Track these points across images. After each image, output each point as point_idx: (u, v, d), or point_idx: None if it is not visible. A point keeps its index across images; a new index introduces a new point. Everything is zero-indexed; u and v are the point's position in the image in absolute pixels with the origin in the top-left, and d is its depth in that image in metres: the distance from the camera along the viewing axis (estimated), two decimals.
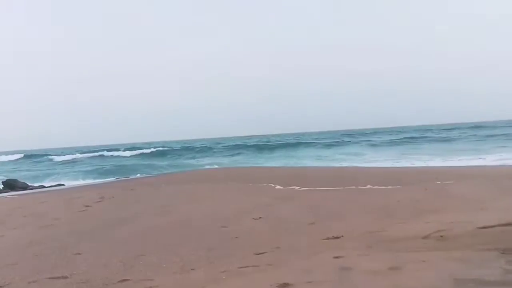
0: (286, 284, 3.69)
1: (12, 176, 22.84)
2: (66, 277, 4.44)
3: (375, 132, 71.57)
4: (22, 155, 51.14)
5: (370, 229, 5.71)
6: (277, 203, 8.52)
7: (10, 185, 18.65)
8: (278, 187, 11.13)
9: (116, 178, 21.09)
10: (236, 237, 5.78)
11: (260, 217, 7.04)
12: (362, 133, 72.75)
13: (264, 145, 47.26)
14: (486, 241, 4.52)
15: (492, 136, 38.47)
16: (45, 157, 46.94)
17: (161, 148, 49.88)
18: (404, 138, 45.91)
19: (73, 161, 39.88)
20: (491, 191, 8.40)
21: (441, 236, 4.94)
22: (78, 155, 45.25)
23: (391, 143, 41.08)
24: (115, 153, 45.95)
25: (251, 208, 8.00)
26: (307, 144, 45.85)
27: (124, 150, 49.13)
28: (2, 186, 18.84)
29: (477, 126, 62.61)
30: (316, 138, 57.93)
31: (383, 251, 4.56)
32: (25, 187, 18.72)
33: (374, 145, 39.74)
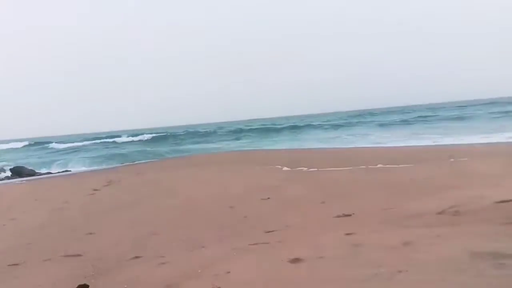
0: (297, 259, 3.68)
1: (19, 163, 22.92)
2: (79, 255, 4.56)
3: (387, 112, 70.55)
4: (26, 142, 51.32)
5: (382, 207, 5.67)
6: (285, 184, 8.49)
7: (18, 172, 18.77)
8: (285, 168, 11.08)
9: (123, 163, 21.10)
10: (245, 217, 5.81)
11: (268, 198, 7.01)
12: (371, 113, 72.06)
13: (269, 128, 46.90)
14: (503, 215, 4.46)
15: (508, 112, 37.67)
16: (48, 144, 46.96)
17: (163, 133, 49.53)
18: (418, 117, 44.96)
19: (77, 148, 39.76)
20: (507, 168, 8.29)
21: (456, 212, 4.88)
22: (81, 143, 45.09)
23: (403, 122, 40.46)
24: (118, 139, 45.64)
25: (259, 189, 8.00)
26: (314, 126, 45.42)
27: (127, 136, 48.94)
28: (10, 173, 19.00)
29: (492, 103, 61.56)
30: (325, 120, 57.45)
31: (396, 227, 4.52)
32: (32, 173, 18.78)
33: (383, 125, 39.36)
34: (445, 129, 26.95)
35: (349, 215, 5.35)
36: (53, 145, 45.02)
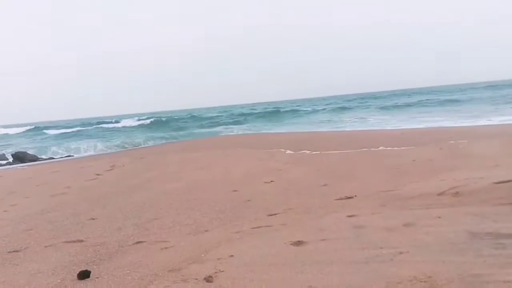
0: (300, 242, 3.73)
1: (20, 149, 22.66)
2: (81, 241, 4.52)
3: (388, 95, 70.05)
4: (27, 128, 50.52)
5: (384, 189, 5.71)
6: (288, 167, 8.51)
7: (20, 157, 18.52)
8: (288, 151, 11.11)
9: (125, 148, 21.00)
10: (248, 200, 5.81)
11: (271, 181, 7.05)
12: (373, 96, 71.72)
13: (271, 112, 46.58)
14: (502, 196, 4.50)
15: (508, 95, 37.45)
16: (47, 130, 46.14)
17: (164, 118, 48.68)
18: (418, 101, 44.55)
19: (77, 133, 39.09)
20: (506, 149, 8.33)
21: (456, 193, 4.92)
22: (80, 128, 44.31)
23: (405, 105, 40.19)
24: (118, 125, 44.84)
25: (262, 172, 8.02)
26: (314, 110, 45.10)
27: (127, 119, 48.21)
28: (12, 158, 18.77)
29: (491, 86, 61.08)
30: (326, 104, 57.15)
31: (397, 209, 4.57)
32: (34, 159, 18.56)
33: (383, 108, 39.21)
34: (446, 112, 26.94)
35: (351, 197, 5.39)
36: (52, 130, 44.43)
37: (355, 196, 5.45)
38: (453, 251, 3.13)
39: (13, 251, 4.34)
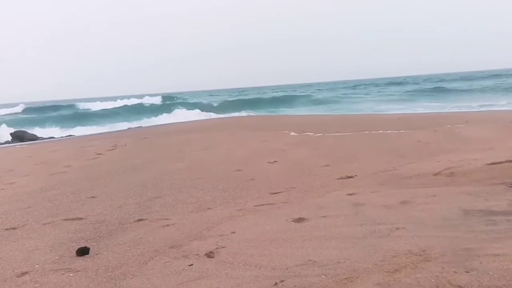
0: (301, 219, 3.77)
1: (17, 128, 20.81)
2: (81, 219, 4.39)
3: (388, 83, 68.86)
4: (23, 107, 47.81)
5: (383, 169, 5.74)
6: (292, 148, 8.50)
7: (19, 136, 17.68)
8: (292, 133, 11.09)
9: (128, 128, 20.17)
10: (251, 179, 5.77)
11: (275, 161, 7.04)
12: (374, 83, 71.02)
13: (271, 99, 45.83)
14: (494, 176, 4.53)
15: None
16: (45, 109, 44.26)
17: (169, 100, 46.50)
18: (418, 89, 43.35)
19: (75, 114, 37.29)
20: (500, 133, 8.34)
21: (451, 173, 4.95)
22: (76, 108, 42.55)
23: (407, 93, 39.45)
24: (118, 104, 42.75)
25: (266, 153, 7.97)
26: (309, 97, 43.95)
27: (122, 99, 45.90)
28: (11, 138, 17.95)
29: (496, 75, 59.85)
30: (319, 89, 56.38)
31: (395, 188, 4.60)
32: (34, 138, 17.71)
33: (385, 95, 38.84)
34: (445, 98, 26.78)
35: (351, 177, 5.41)
36: (51, 109, 42.74)
37: (355, 175, 5.47)
38: (447, 227, 3.17)
39: (10, 228, 4.16)
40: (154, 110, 32.77)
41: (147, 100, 43.95)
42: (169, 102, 42.77)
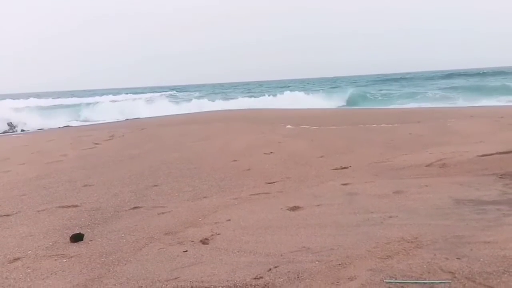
0: (296, 207, 3.74)
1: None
2: (76, 206, 4.30)
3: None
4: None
5: (377, 160, 5.71)
6: (288, 140, 8.44)
7: (15, 126, 17.16)
8: (289, 126, 11.01)
9: (126, 119, 19.42)
10: (248, 169, 5.72)
11: (271, 152, 6.98)
12: (369, 79, 70.45)
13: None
14: (485, 167, 4.53)
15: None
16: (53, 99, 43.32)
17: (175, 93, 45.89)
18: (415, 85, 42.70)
19: (74, 105, 36.40)
20: (492, 128, 8.32)
21: (443, 164, 4.94)
22: (76, 100, 41.66)
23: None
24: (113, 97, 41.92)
25: (262, 144, 7.90)
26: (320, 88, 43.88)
27: (127, 94, 45.50)
28: (8, 127, 17.34)
29: (501, 72, 58.77)
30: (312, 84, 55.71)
31: (389, 178, 4.58)
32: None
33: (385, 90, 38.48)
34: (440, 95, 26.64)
35: (346, 168, 5.38)
36: (57, 100, 41.98)
37: (350, 166, 5.44)
38: (438, 215, 3.15)
39: (4, 215, 4.07)
40: None
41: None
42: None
